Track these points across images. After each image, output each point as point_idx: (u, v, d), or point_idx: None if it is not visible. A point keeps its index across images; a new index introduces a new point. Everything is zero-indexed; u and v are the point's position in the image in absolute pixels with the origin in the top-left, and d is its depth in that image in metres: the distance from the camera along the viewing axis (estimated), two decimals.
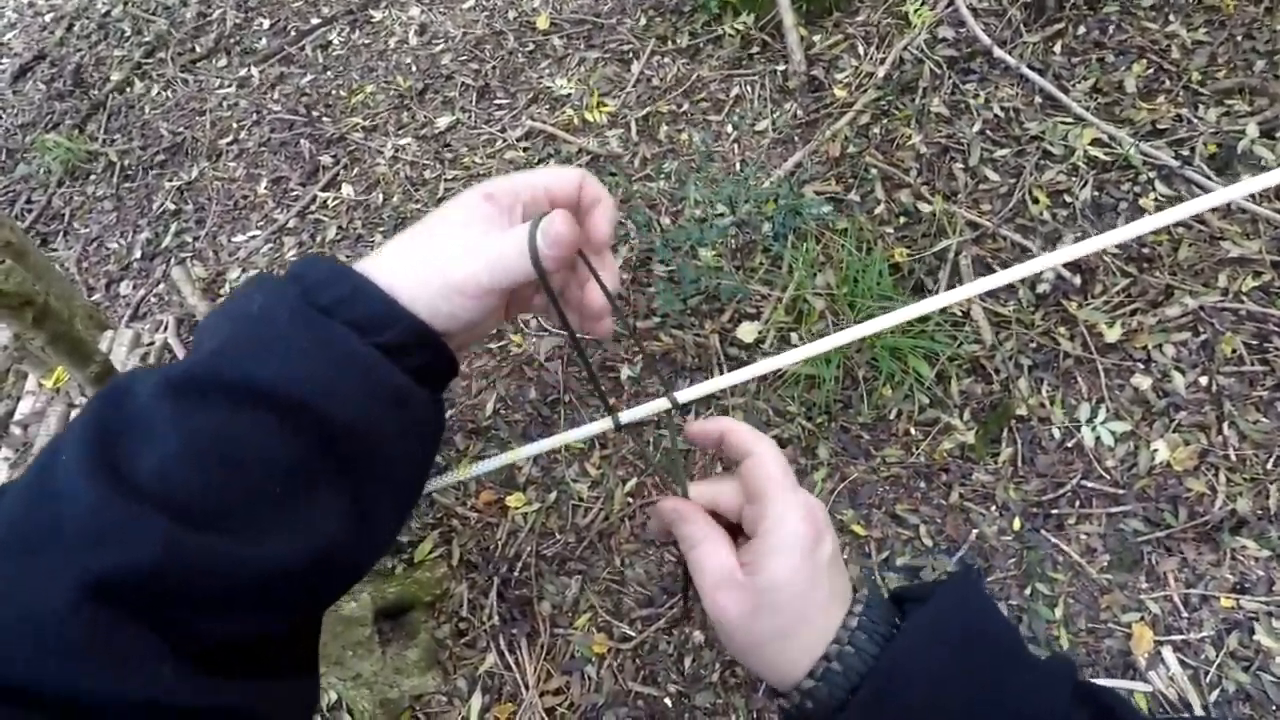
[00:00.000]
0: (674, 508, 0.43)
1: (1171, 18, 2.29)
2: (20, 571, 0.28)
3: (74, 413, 1.31)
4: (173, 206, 2.88)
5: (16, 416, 1.19)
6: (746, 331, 1.97)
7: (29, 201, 3.07)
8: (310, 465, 0.33)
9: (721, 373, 1.98)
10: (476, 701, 1.63)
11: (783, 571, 0.39)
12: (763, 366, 0.43)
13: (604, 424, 0.43)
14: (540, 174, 0.40)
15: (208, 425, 0.32)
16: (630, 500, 1.86)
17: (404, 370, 0.36)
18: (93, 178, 3.08)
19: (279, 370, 0.33)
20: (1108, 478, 1.72)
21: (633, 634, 1.69)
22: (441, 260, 0.37)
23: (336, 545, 0.34)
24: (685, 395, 0.43)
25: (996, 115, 2.25)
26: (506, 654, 1.69)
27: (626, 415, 0.42)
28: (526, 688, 1.64)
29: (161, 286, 2.66)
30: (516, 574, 1.79)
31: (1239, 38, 2.19)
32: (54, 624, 0.27)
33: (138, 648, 0.28)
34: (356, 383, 0.34)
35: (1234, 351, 1.78)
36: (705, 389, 0.44)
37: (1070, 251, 0.39)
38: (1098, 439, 1.73)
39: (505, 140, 2.65)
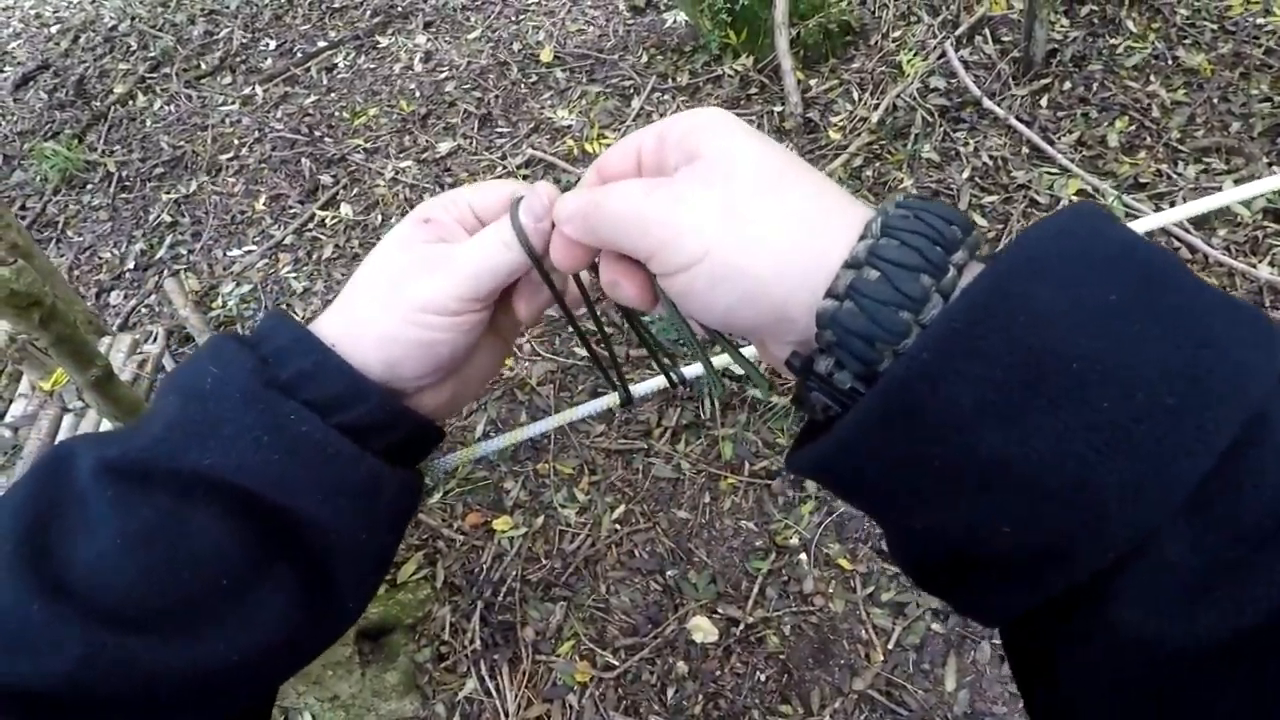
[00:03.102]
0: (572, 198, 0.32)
1: (1153, 78, 2.39)
2: None
3: (67, 418, 1.31)
4: (169, 219, 2.88)
5: (8, 419, 1.17)
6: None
7: (23, 208, 3.06)
8: (260, 559, 0.31)
9: (713, 402, 2.00)
10: None
11: (741, 143, 0.28)
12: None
13: (612, 399, 0.43)
14: (466, 192, 0.36)
15: (147, 516, 0.29)
16: (618, 527, 1.86)
17: (375, 450, 0.33)
18: (89, 187, 3.08)
19: (228, 459, 0.30)
20: None
21: (616, 663, 1.67)
22: (403, 291, 0.33)
23: (288, 635, 0.32)
24: (689, 372, 0.45)
25: (985, 163, 2.33)
26: (487, 680, 1.66)
27: (637, 390, 0.44)
28: (506, 715, 1.61)
29: (153, 298, 2.66)
30: (500, 598, 1.78)
31: (1215, 100, 2.29)
32: None
33: None
34: (315, 474, 0.31)
35: None
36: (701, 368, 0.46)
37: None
38: None
39: (505, 167, 2.69)
